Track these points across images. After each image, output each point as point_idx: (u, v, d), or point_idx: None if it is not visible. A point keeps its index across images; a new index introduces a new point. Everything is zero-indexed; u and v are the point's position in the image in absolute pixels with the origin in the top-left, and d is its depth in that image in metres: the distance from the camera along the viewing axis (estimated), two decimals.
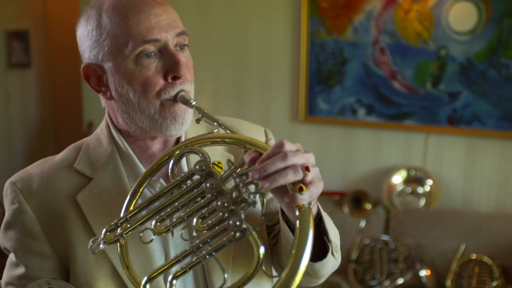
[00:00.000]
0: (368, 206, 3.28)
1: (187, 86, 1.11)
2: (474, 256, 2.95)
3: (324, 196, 3.24)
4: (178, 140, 1.20)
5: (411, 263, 3.06)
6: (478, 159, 3.23)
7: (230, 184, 1.00)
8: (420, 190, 3.27)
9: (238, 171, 1.00)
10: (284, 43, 3.48)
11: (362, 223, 3.23)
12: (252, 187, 0.98)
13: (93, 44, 1.10)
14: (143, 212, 1.04)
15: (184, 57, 1.12)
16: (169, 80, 1.09)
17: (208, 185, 0.99)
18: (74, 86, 4.83)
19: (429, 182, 3.26)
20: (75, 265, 1.13)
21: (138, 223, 1.03)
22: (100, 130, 1.21)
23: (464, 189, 3.28)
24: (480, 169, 3.23)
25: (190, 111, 1.13)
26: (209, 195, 1.00)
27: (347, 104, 3.38)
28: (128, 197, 1.06)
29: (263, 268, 0.96)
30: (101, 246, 1.03)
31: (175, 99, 1.09)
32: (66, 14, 5.04)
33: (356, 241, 3.19)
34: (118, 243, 1.04)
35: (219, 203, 0.98)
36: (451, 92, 3.18)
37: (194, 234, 1.00)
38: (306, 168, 0.94)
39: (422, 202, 3.27)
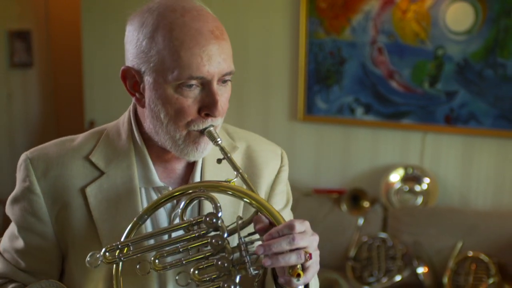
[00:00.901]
0: (366, 204, 3.29)
1: (217, 121, 1.11)
2: (471, 254, 2.97)
3: (323, 194, 3.30)
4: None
5: (409, 261, 3.07)
6: (475, 158, 3.26)
7: (234, 238, 1.05)
8: (417, 188, 3.29)
9: (245, 236, 1.03)
10: (283, 43, 3.51)
11: (360, 221, 3.25)
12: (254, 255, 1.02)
13: (140, 53, 1.09)
14: (146, 243, 1.08)
15: (226, 92, 1.12)
16: (202, 115, 1.09)
17: (213, 240, 1.03)
18: (76, 86, 4.86)
19: (426, 180, 3.28)
20: (73, 253, 1.18)
21: (138, 253, 1.07)
22: (122, 123, 1.21)
23: (461, 187, 3.30)
24: (477, 168, 3.25)
25: None
26: (211, 248, 1.04)
27: (345, 103, 3.41)
28: (134, 220, 1.08)
29: None
30: (99, 263, 1.06)
31: (201, 133, 1.10)
32: (67, 14, 5.06)
33: (354, 238, 3.21)
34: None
35: (219, 262, 1.02)
36: (448, 91, 3.20)
37: (189, 281, 1.05)
38: (309, 255, 0.99)
39: (420, 200, 3.29)
